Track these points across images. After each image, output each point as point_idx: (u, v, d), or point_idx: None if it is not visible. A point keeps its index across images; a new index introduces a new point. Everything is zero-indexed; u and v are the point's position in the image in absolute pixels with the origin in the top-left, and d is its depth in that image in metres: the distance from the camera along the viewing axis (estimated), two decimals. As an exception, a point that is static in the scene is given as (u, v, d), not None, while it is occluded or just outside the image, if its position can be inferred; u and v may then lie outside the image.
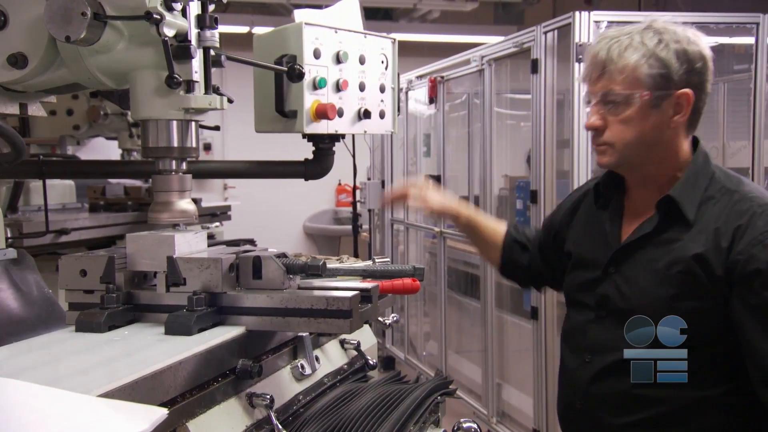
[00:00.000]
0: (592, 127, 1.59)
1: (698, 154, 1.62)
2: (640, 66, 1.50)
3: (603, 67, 1.54)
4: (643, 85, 1.51)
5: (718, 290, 1.49)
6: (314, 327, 1.31)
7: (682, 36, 1.53)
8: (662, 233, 1.59)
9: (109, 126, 3.49)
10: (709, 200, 1.55)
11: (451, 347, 5.18)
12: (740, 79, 4.54)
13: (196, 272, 1.34)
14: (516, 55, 3.96)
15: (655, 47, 1.51)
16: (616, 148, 1.57)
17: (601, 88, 1.55)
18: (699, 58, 1.53)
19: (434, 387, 1.61)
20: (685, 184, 1.57)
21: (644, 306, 1.57)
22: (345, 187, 9.13)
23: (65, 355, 1.18)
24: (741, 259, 1.46)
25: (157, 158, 1.47)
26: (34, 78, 1.41)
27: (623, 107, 1.53)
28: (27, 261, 1.65)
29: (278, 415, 1.30)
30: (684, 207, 1.55)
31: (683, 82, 1.52)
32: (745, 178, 1.63)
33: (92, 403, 0.95)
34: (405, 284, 1.53)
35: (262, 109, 1.99)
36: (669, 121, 1.55)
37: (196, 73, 1.39)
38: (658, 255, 1.57)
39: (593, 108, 1.58)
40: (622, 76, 1.51)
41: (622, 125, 1.54)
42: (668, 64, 1.50)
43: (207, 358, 1.21)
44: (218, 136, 8.54)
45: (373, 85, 2.12)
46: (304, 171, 2.22)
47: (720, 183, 1.58)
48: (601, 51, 1.54)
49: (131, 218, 3.24)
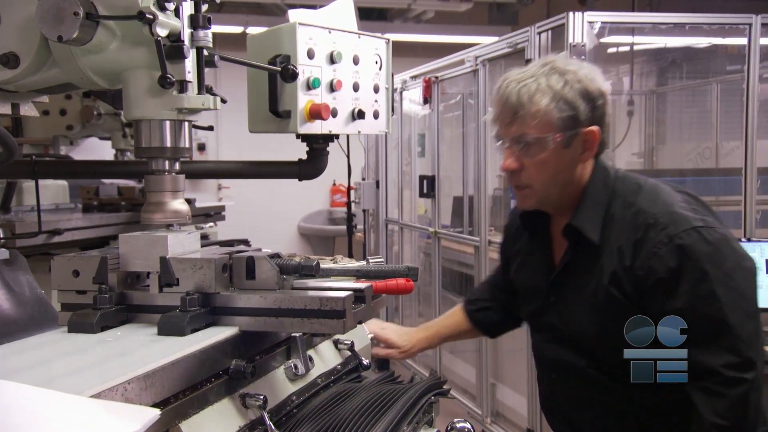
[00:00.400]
0: (509, 170, 1.66)
1: (596, 173, 1.69)
2: (551, 110, 1.58)
3: (515, 112, 1.61)
4: (555, 128, 1.59)
5: (636, 306, 1.58)
6: (308, 327, 1.31)
7: (582, 75, 1.61)
8: (580, 259, 1.68)
9: (103, 126, 3.47)
10: (612, 219, 1.63)
11: (446, 347, 5.18)
12: (733, 80, 4.56)
13: (189, 273, 1.34)
14: (510, 56, 3.96)
15: (562, 89, 1.59)
16: (535, 189, 1.67)
17: (515, 132, 1.62)
18: (600, 95, 1.62)
19: (428, 387, 1.61)
20: (585, 209, 1.66)
21: (584, 332, 1.69)
22: (339, 188, 9.14)
23: (57, 356, 1.17)
24: (642, 273, 1.56)
25: (150, 158, 1.47)
26: (26, 78, 1.41)
27: (538, 150, 1.61)
28: (19, 261, 1.64)
29: (271, 416, 1.30)
30: (587, 233, 1.65)
31: (588, 120, 1.61)
32: (643, 182, 1.68)
33: (84, 404, 0.95)
34: (399, 284, 1.53)
35: (256, 109, 1.99)
36: (579, 158, 1.65)
37: (189, 73, 1.38)
38: (584, 281, 1.67)
39: (508, 150, 1.65)
40: (535, 120, 1.59)
41: (538, 166, 1.63)
42: (575, 105, 1.59)
43: (200, 358, 1.20)
44: (212, 137, 8.53)
45: (367, 86, 2.12)
46: (298, 171, 2.22)
47: (621, 197, 1.65)
48: (511, 95, 1.61)
49: (124, 219, 3.23)
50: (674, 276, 1.52)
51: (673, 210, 1.58)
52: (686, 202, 1.63)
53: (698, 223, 1.55)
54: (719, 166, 4.97)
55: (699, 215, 1.58)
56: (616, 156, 5.97)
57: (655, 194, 1.63)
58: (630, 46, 5.58)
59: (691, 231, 1.53)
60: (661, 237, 1.54)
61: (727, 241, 1.56)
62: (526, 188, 1.69)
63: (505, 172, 1.70)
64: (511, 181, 1.71)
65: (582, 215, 1.66)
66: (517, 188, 1.71)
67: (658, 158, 5.76)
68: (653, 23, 3.90)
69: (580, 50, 3.22)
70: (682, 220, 1.55)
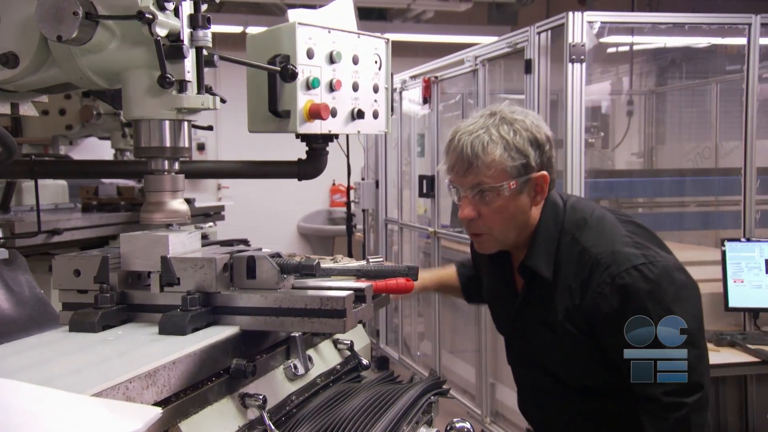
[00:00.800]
0: (467, 219, 1.74)
1: (546, 210, 1.77)
2: (505, 159, 1.66)
3: (470, 163, 1.68)
4: (509, 176, 1.68)
5: (591, 338, 1.70)
6: (308, 327, 1.31)
7: (529, 124, 1.70)
8: (537, 294, 1.78)
9: (102, 126, 3.47)
10: (562, 257, 1.72)
11: (445, 347, 5.18)
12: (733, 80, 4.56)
13: (190, 272, 1.34)
14: (510, 56, 3.96)
15: (513, 138, 1.67)
16: (494, 234, 1.76)
17: (472, 182, 1.70)
18: (546, 141, 1.72)
19: (427, 387, 1.61)
20: (537, 247, 1.75)
21: (547, 359, 1.83)
22: (339, 187, 9.13)
23: (59, 355, 1.17)
24: (590, 311, 1.67)
25: (150, 158, 1.47)
26: (25, 77, 1.40)
27: (494, 197, 1.69)
28: (18, 261, 1.64)
29: (271, 416, 1.30)
30: (540, 271, 1.74)
31: (538, 165, 1.70)
32: (589, 215, 1.76)
33: (86, 403, 0.95)
34: (399, 284, 1.53)
35: (255, 109, 1.99)
36: (532, 201, 1.74)
37: (188, 72, 1.38)
38: (543, 315, 1.77)
39: (465, 200, 1.73)
40: (490, 170, 1.67)
41: (495, 214, 1.71)
42: (526, 153, 1.68)
43: (201, 357, 1.20)
44: (212, 136, 8.53)
45: (367, 85, 2.12)
46: (298, 171, 2.22)
47: (569, 233, 1.74)
48: (465, 147, 1.68)
49: (124, 218, 3.23)
50: (618, 314, 1.63)
51: (615, 249, 1.67)
52: (630, 235, 1.71)
53: (639, 261, 1.64)
54: (719, 166, 4.97)
55: (641, 250, 1.66)
56: (616, 156, 5.98)
57: (600, 230, 1.72)
58: (629, 46, 5.59)
59: (632, 269, 1.63)
60: (604, 277, 1.64)
61: (667, 274, 1.64)
62: (484, 234, 1.77)
63: (463, 220, 1.77)
64: (469, 229, 1.80)
65: (535, 254, 1.75)
66: (475, 235, 1.80)
67: (657, 158, 5.77)
68: (653, 23, 3.90)
69: (579, 50, 3.22)
70: (624, 258, 1.64)
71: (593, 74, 5.38)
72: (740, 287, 3.37)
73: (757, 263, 3.38)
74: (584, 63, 3.24)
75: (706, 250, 4.34)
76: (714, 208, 4.95)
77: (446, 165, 1.77)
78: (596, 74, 5.72)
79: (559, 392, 1.85)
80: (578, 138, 3.28)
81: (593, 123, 5.49)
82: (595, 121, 5.61)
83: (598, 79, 5.85)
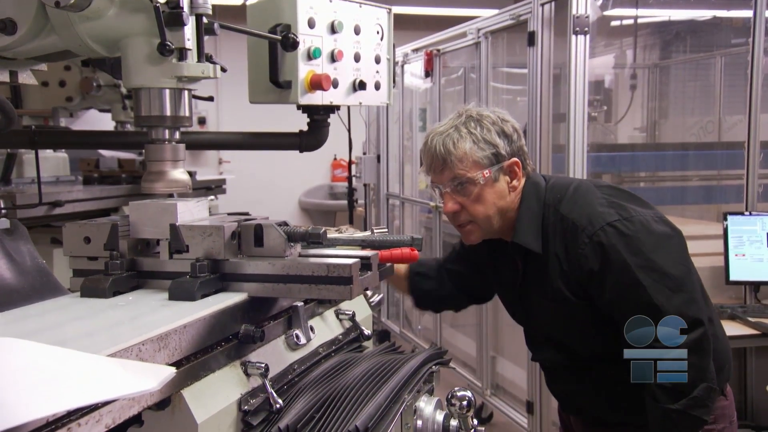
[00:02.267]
0: (450, 212, 1.84)
1: (526, 190, 1.86)
2: (475, 151, 1.78)
3: (444, 160, 1.80)
4: (482, 166, 1.79)
5: (586, 300, 1.76)
6: (315, 293, 1.32)
7: (495, 118, 1.82)
8: (534, 269, 1.86)
9: (102, 98, 3.46)
10: (548, 229, 1.81)
11: (446, 321, 5.21)
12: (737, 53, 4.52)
13: (199, 240, 1.35)
14: (512, 28, 3.92)
15: (480, 132, 1.79)
16: (478, 222, 1.84)
17: (448, 176, 1.80)
18: (513, 131, 1.83)
19: (429, 356, 1.62)
20: (523, 225, 1.83)
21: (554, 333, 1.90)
22: (341, 162, 9.12)
23: (71, 319, 1.19)
24: (577, 274, 1.75)
25: (150, 127, 1.46)
26: (23, 45, 1.39)
27: (471, 188, 1.80)
28: (20, 231, 1.63)
29: (273, 384, 1.30)
30: (530, 246, 1.82)
31: (509, 153, 1.82)
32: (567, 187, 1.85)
33: (102, 362, 0.96)
34: (404, 253, 1.54)
35: (256, 79, 1.97)
36: (509, 187, 1.84)
37: (188, 40, 1.37)
38: (542, 288, 1.84)
39: (446, 196, 1.83)
40: (463, 164, 1.78)
41: (475, 203, 1.81)
42: (495, 143, 1.79)
43: (211, 322, 1.22)
44: (213, 110, 8.50)
45: (369, 56, 2.10)
46: (299, 142, 2.21)
47: (550, 206, 1.83)
48: (438, 146, 1.80)
49: (125, 191, 3.23)
50: (601, 271, 1.71)
51: (591, 210, 1.75)
52: (605, 197, 1.79)
53: (613, 218, 1.72)
54: (722, 139, 4.95)
55: (615, 209, 1.74)
56: (619, 130, 5.95)
57: (575, 198, 1.81)
58: (634, 18, 5.53)
59: (606, 227, 1.71)
60: (582, 238, 1.73)
61: (644, 227, 1.72)
62: (469, 224, 1.86)
63: (448, 215, 1.86)
64: (454, 222, 1.88)
65: (522, 231, 1.84)
66: (461, 227, 1.88)
67: (660, 132, 5.74)
68: (658, -5, 3.85)
69: (583, 22, 3.18)
70: (598, 218, 1.73)
71: (596, 47, 5.33)
72: (741, 261, 3.37)
73: (759, 237, 3.38)
74: (588, 35, 3.21)
75: (708, 224, 4.34)
76: (716, 182, 4.94)
77: (424, 167, 1.89)
78: (600, 47, 5.67)
79: (576, 366, 1.91)
80: (581, 112, 3.25)
81: (596, 97, 5.45)
82: (597, 94, 5.57)
83: (602, 52, 5.80)
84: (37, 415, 0.81)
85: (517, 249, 1.87)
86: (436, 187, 1.86)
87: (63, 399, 0.85)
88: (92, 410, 0.93)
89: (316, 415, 1.29)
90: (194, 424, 1.13)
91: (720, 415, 1.83)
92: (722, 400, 1.85)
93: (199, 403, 1.15)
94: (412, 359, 1.57)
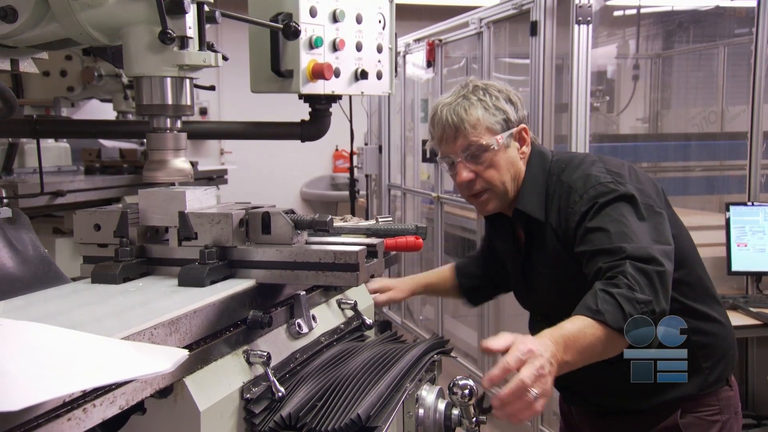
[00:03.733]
0: (465, 181, 1.82)
1: (532, 160, 1.87)
2: (487, 118, 1.79)
3: (456, 128, 1.79)
4: (494, 132, 1.79)
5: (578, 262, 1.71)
6: (322, 280, 1.35)
7: (501, 86, 1.86)
8: (536, 237, 1.85)
9: (104, 88, 3.45)
10: (551, 197, 1.81)
11: (448, 311, 5.21)
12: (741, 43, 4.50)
13: (207, 227, 1.37)
14: (515, 18, 3.91)
15: (489, 99, 1.80)
16: (494, 190, 1.83)
17: (462, 145, 1.80)
18: (517, 99, 1.86)
19: (431, 346, 1.62)
20: (526, 193, 1.84)
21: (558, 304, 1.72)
22: (342, 153, 9.10)
23: (83, 304, 1.20)
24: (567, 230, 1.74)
25: (152, 116, 1.46)
26: (24, 33, 1.39)
27: (486, 154, 1.79)
28: (22, 220, 1.63)
29: (275, 372, 1.31)
30: (532, 213, 1.82)
31: (517, 120, 1.83)
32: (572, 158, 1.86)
33: (115, 345, 0.97)
34: (408, 242, 1.55)
35: (258, 68, 1.96)
36: (519, 154, 1.85)
37: (189, 29, 1.36)
38: (545, 256, 1.83)
39: (460, 165, 1.81)
40: (476, 130, 1.78)
41: (490, 169, 1.81)
42: (504, 109, 1.81)
43: (220, 308, 1.24)
44: (214, 102, 8.49)
45: (370, 45, 2.09)
46: (301, 132, 2.20)
47: (554, 175, 1.83)
48: (449, 116, 1.80)
49: (127, 181, 3.23)
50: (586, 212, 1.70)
51: (587, 173, 1.76)
52: (606, 166, 1.78)
53: (606, 179, 1.72)
54: (724, 130, 4.93)
55: (612, 175, 1.74)
56: (621, 121, 5.93)
57: (578, 166, 1.81)
58: (636, 8, 5.50)
59: (598, 185, 1.71)
60: (574, 197, 1.74)
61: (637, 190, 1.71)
62: (484, 193, 1.84)
63: (462, 184, 1.85)
64: (469, 193, 1.87)
65: (525, 199, 1.84)
66: (475, 197, 1.87)
67: (662, 123, 5.72)
68: (661, -16, 3.83)
69: (585, 12, 3.17)
70: (593, 180, 1.73)
71: (599, 37, 5.31)
72: (744, 251, 3.37)
73: (761, 227, 3.37)
74: (590, 25, 3.20)
75: (710, 215, 4.33)
76: (719, 173, 4.93)
77: (434, 139, 1.87)
78: (602, 37, 5.64)
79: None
80: (583, 102, 3.25)
81: (598, 87, 5.43)
82: (600, 85, 5.55)
83: (604, 42, 5.77)
84: (54, 395, 0.82)
85: (519, 217, 1.86)
86: (447, 158, 1.85)
87: (78, 379, 0.86)
88: (106, 392, 0.94)
89: (318, 403, 1.29)
90: (197, 412, 1.13)
91: (725, 406, 1.82)
92: (727, 390, 1.84)
93: (202, 391, 1.15)
94: (414, 348, 1.57)
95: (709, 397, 1.81)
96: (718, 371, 1.83)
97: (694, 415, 1.79)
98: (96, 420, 0.93)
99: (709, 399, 1.81)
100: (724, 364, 1.84)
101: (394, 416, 1.30)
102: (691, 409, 1.80)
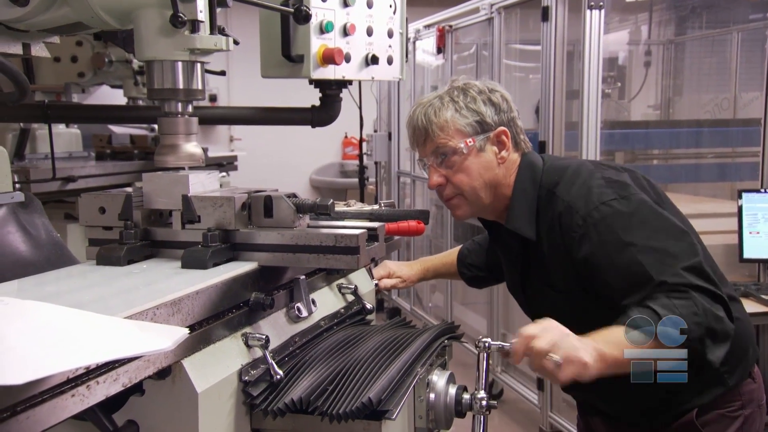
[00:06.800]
0: (436, 186, 1.76)
1: (521, 171, 1.76)
2: (456, 119, 1.71)
3: (425, 130, 1.73)
4: (465, 134, 1.71)
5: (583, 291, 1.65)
6: (323, 263, 1.37)
7: (482, 87, 1.75)
8: (531, 254, 1.77)
9: (114, 73, 3.46)
10: (540, 213, 1.71)
11: (457, 299, 5.22)
12: (755, 28, 4.45)
13: (210, 210, 1.39)
14: (526, 3, 3.88)
15: (463, 100, 1.72)
16: (466, 195, 1.74)
17: (431, 148, 1.73)
18: (502, 100, 1.75)
19: (441, 331, 1.62)
20: (515, 209, 1.74)
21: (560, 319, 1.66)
22: (351, 140, 9.09)
23: (88, 285, 1.23)
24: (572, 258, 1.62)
25: (163, 100, 1.46)
26: (36, 16, 1.39)
27: (455, 157, 1.71)
28: (35, 204, 1.64)
29: (274, 355, 1.32)
30: (523, 232, 1.73)
31: (496, 123, 1.73)
32: (565, 169, 1.73)
33: (118, 323, 0.99)
34: (410, 226, 1.56)
35: (268, 53, 1.95)
36: (497, 159, 1.74)
37: (201, 12, 1.36)
38: (543, 276, 1.75)
39: (431, 169, 1.75)
40: (444, 132, 1.71)
41: (461, 174, 1.72)
42: (479, 111, 1.72)
43: (222, 289, 1.26)
44: (224, 87, 8.48)
45: (381, 30, 2.08)
46: (311, 117, 2.20)
47: (545, 188, 1.72)
48: (419, 117, 1.74)
49: (138, 167, 3.24)
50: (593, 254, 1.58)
51: (587, 191, 1.63)
52: (604, 177, 1.66)
53: (609, 197, 1.60)
54: (737, 117, 4.89)
55: (612, 188, 1.62)
56: (632, 107, 5.89)
57: (573, 180, 1.69)
58: (649, -7, 5.45)
59: (601, 206, 1.59)
60: (577, 220, 1.61)
61: (644, 204, 1.61)
62: (455, 197, 1.77)
63: (434, 189, 1.78)
64: (442, 197, 1.80)
65: (514, 216, 1.74)
66: (448, 201, 1.79)
67: (674, 110, 5.68)
68: (674, -31, 3.79)
69: (598, -3, 3.14)
70: (595, 198, 1.61)
71: (611, 23, 5.26)
72: (756, 239, 3.35)
73: (773, 215, 3.35)
74: (603, 10, 3.17)
75: (722, 202, 4.30)
76: (731, 160, 4.89)
77: (409, 141, 1.82)
78: (614, 23, 5.59)
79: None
80: (595, 88, 3.23)
81: (610, 73, 5.39)
82: (611, 71, 5.50)
83: (616, 28, 5.72)
84: (57, 370, 0.83)
85: (512, 234, 1.77)
86: (421, 161, 1.79)
87: (81, 355, 0.87)
88: (110, 369, 0.96)
89: (328, 387, 1.30)
90: (195, 394, 1.15)
91: (748, 399, 1.72)
92: (750, 383, 1.74)
93: (200, 373, 1.17)
94: (425, 333, 1.58)
95: (731, 392, 1.71)
96: (738, 373, 1.72)
97: (715, 411, 1.70)
98: (99, 397, 0.94)
99: (731, 394, 1.71)
100: (744, 364, 1.74)
101: (405, 400, 1.30)
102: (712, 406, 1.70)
